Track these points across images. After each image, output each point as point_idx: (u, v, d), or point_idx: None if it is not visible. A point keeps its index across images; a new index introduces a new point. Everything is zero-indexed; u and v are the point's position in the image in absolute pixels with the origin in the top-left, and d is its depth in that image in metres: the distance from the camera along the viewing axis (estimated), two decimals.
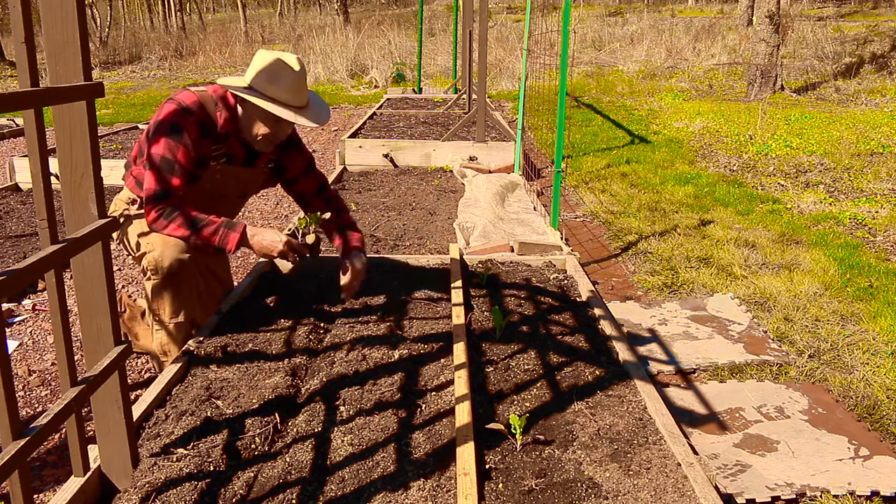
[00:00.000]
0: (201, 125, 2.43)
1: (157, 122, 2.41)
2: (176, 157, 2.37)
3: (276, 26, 26.30)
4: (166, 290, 2.50)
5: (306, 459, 1.87)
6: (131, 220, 2.62)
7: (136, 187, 2.63)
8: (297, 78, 2.39)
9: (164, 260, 2.45)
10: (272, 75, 2.37)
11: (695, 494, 1.73)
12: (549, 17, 6.22)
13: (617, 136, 7.90)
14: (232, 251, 2.43)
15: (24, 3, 1.30)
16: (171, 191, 2.38)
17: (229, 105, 2.49)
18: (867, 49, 13.81)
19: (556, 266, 3.46)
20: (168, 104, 2.43)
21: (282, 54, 2.42)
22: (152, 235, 2.50)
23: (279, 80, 2.37)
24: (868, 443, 2.29)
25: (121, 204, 2.69)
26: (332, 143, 7.85)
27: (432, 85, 12.59)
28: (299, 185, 2.82)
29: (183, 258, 2.47)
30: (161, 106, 2.46)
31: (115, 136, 7.10)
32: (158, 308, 2.54)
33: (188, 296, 2.57)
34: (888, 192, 5.38)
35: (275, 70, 2.37)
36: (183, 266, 2.48)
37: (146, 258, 2.48)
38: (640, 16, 23.52)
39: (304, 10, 36.92)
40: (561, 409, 2.13)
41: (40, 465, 2.23)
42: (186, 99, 2.43)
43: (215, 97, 2.49)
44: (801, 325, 3.17)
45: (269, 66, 2.37)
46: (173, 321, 2.55)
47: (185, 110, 2.39)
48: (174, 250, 2.46)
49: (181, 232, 2.38)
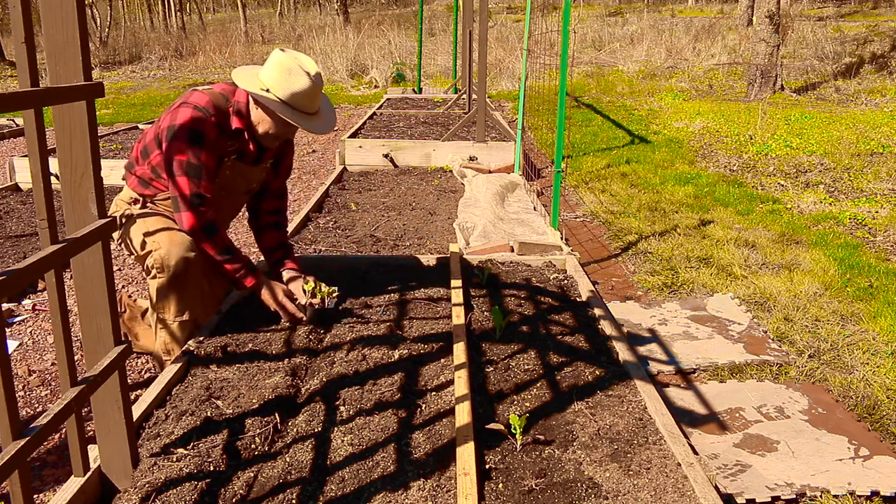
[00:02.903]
0: (218, 126, 2.48)
1: (177, 128, 2.41)
2: (200, 160, 2.43)
3: (276, 26, 26.31)
4: (172, 288, 2.50)
5: (306, 459, 1.87)
6: (134, 220, 2.61)
7: (139, 186, 2.63)
8: (313, 86, 2.44)
9: (171, 258, 2.45)
10: (289, 80, 2.40)
11: (695, 494, 1.73)
12: (549, 17, 6.22)
13: (617, 136, 7.90)
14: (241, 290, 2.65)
15: (24, 3, 1.30)
16: (203, 195, 2.45)
17: (241, 102, 2.52)
18: (867, 49, 13.81)
19: (556, 266, 3.46)
20: (184, 109, 2.43)
21: (301, 57, 2.46)
22: (158, 234, 2.50)
23: (295, 86, 2.40)
24: (868, 443, 2.29)
25: (122, 204, 2.68)
26: (332, 143, 7.85)
27: (432, 85, 12.59)
28: (276, 182, 2.88)
29: (189, 257, 2.48)
30: (175, 110, 2.45)
31: (115, 136, 7.10)
32: (163, 307, 2.54)
33: (193, 295, 2.57)
34: (888, 192, 5.38)
35: (292, 76, 2.40)
36: (189, 265, 2.49)
37: (152, 256, 2.47)
38: (640, 16, 23.52)
39: (304, 10, 36.92)
40: (561, 409, 2.13)
41: (40, 465, 2.23)
42: (201, 101, 2.46)
43: (226, 94, 2.52)
44: (801, 325, 3.17)
45: (287, 70, 2.40)
46: (177, 320, 2.55)
47: (203, 113, 2.43)
48: (181, 249, 2.46)
49: (211, 252, 2.51)
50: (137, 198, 2.64)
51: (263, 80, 2.43)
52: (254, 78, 2.46)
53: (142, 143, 2.62)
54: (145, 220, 2.58)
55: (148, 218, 2.59)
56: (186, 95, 2.50)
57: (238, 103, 2.52)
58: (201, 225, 2.47)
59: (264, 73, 2.44)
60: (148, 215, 2.61)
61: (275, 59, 2.44)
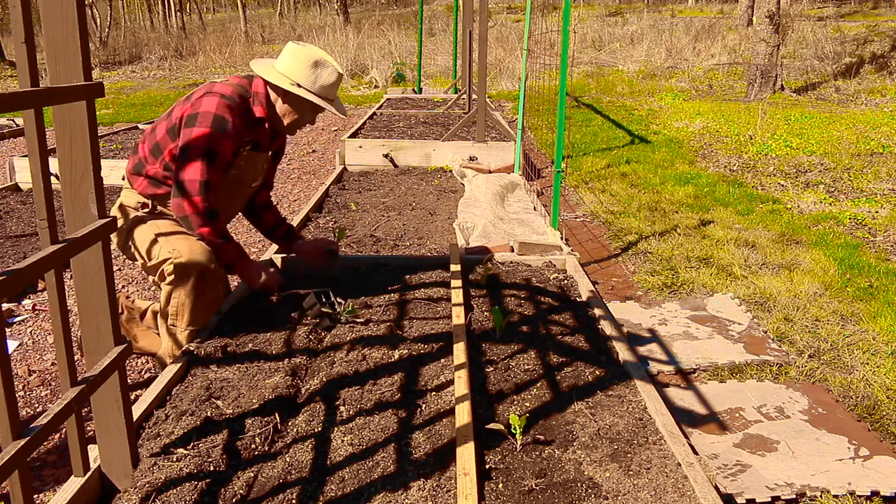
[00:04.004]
0: (243, 115, 2.52)
1: (202, 114, 2.40)
2: (220, 148, 2.43)
3: (276, 26, 26.30)
4: (189, 298, 2.49)
5: (306, 459, 1.87)
6: (137, 225, 2.57)
7: (150, 187, 2.58)
8: (339, 77, 2.62)
9: (193, 268, 2.45)
10: (318, 73, 2.55)
11: (695, 494, 1.73)
12: (549, 17, 6.22)
13: (617, 136, 7.90)
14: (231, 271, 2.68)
15: (24, 3, 1.30)
16: (211, 184, 2.46)
17: (259, 93, 2.58)
18: (867, 49, 13.81)
19: (556, 266, 3.46)
20: (209, 97, 2.43)
21: (318, 49, 2.56)
22: (174, 240, 2.47)
23: (323, 78, 2.56)
24: (868, 443, 2.29)
25: (129, 210, 2.62)
26: (332, 143, 7.85)
27: (432, 85, 12.59)
28: (271, 171, 2.92)
29: (211, 268, 2.50)
30: (198, 100, 2.44)
31: (115, 136, 7.10)
32: (176, 315, 2.51)
33: (207, 306, 2.57)
34: (888, 192, 5.38)
35: (319, 68, 2.55)
36: (209, 276, 2.50)
37: (172, 263, 2.44)
38: (640, 16, 23.52)
39: (304, 10, 36.90)
40: (561, 409, 2.13)
41: (40, 465, 2.23)
42: (226, 90, 2.48)
43: (244, 85, 2.57)
44: (801, 325, 3.17)
45: (314, 64, 2.54)
46: (188, 329, 2.54)
47: (229, 101, 2.45)
48: (203, 257, 2.46)
49: (211, 236, 2.51)
50: (146, 202, 2.59)
51: (289, 73, 2.53)
52: (276, 72, 2.55)
53: (148, 142, 2.57)
54: (156, 222, 2.56)
55: (158, 222, 2.56)
56: (209, 86, 2.52)
57: (257, 94, 2.58)
58: (206, 209, 2.46)
59: (287, 67, 2.54)
60: (156, 219, 2.58)
61: (300, 54, 2.54)
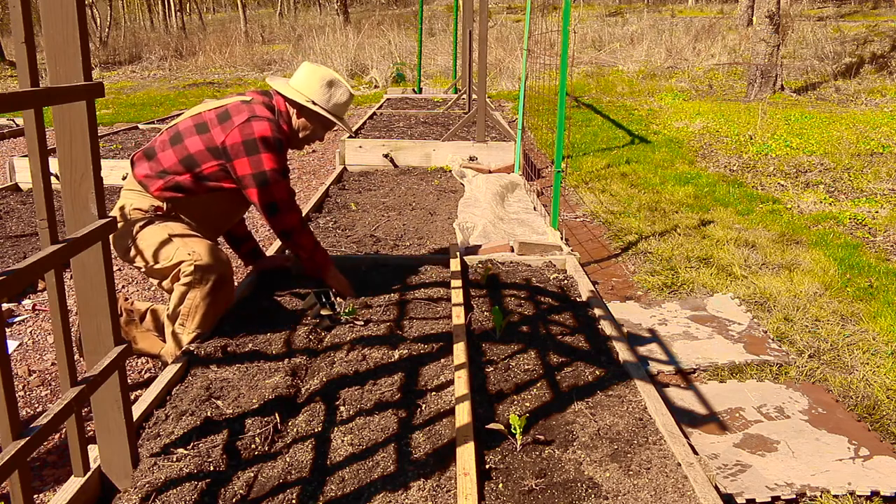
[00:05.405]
0: (284, 136, 2.76)
1: (259, 139, 2.61)
2: (286, 164, 2.73)
3: (276, 26, 26.30)
4: (205, 301, 2.50)
5: (306, 459, 1.87)
6: (152, 223, 2.57)
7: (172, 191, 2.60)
8: (350, 98, 2.86)
9: (212, 271, 2.48)
10: (332, 92, 2.79)
11: (695, 494, 1.73)
12: (549, 17, 6.22)
13: (617, 136, 7.90)
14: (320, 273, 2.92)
15: (24, 3, 1.30)
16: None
17: (283, 112, 2.80)
18: (867, 49, 13.81)
19: (556, 266, 3.46)
20: (259, 122, 2.61)
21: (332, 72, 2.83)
22: (194, 243, 2.50)
23: (335, 96, 2.81)
24: (868, 443, 2.29)
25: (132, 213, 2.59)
26: (333, 143, 7.85)
27: (432, 85, 12.59)
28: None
29: (229, 272, 2.56)
30: (245, 123, 2.59)
31: (115, 136, 7.10)
32: (185, 317, 2.52)
33: (217, 312, 2.59)
34: (888, 192, 5.38)
35: (334, 87, 2.79)
36: (227, 281, 2.55)
37: (191, 264, 2.45)
38: (640, 16, 23.52)
39: (304, 10, 36.91)
40: (561, 409, 2.13)
41: (40, 465, 2.23)
42: (266, 113, 2.67)
43: (269, 104, 2.74)
44: (801, 325, 3.17)
45: (328, 83, 2.78)
46: (197, 331, 2.54)
47: (274, 125, 2.68)
48: (223, 262, 2.52)
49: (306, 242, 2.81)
50: (161, 205, 2.60)
51: (304, 90, 2.75)
52: (293, 88, 2.75)
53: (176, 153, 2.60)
54: (168, 224, 2.56)
55: (170, 223, 2.58)
56: (247, 109, 2.64)
57: (281, 113, 2.78)
58: (301, 220, 2.78)
59: (302, 84, 2.75)
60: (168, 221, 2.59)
61: (315, 73, 2.77)
